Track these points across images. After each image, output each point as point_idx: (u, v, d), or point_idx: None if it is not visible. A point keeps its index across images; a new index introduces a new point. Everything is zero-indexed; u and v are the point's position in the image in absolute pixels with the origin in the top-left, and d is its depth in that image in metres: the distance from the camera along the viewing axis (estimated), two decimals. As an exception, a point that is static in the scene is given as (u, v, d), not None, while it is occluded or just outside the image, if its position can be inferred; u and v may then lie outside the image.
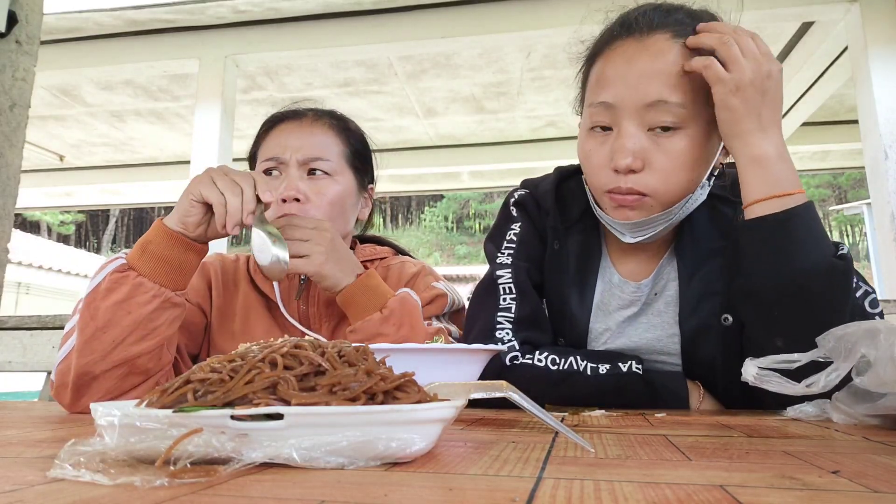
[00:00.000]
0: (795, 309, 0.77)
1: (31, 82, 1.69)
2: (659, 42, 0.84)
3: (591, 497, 0.31)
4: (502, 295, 0.96)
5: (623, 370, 0.86)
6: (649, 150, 0.84)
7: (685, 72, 0.82)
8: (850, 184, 22.78)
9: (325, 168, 1.10)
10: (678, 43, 0.84)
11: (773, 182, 0.80)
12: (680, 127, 0.83)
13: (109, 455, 0.36)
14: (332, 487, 0.33)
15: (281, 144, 1.11)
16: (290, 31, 3.61)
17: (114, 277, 0.85)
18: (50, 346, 2.34)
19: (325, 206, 1.08)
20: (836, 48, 3.62)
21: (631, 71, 0.84)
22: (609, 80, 0.86)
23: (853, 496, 0.32)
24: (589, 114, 0.89)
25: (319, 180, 1.09)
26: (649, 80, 0.82)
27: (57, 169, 5.93)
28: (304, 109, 1.18)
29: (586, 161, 0.90)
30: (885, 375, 0.57)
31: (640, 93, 0.83)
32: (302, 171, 1.09)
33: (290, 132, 1.12)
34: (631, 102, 0.83)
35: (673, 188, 0.85)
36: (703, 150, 0.85)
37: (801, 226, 0.78)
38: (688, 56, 0.83)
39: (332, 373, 0.43)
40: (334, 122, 1.17)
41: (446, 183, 6.44)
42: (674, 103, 0.82)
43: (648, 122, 0.83)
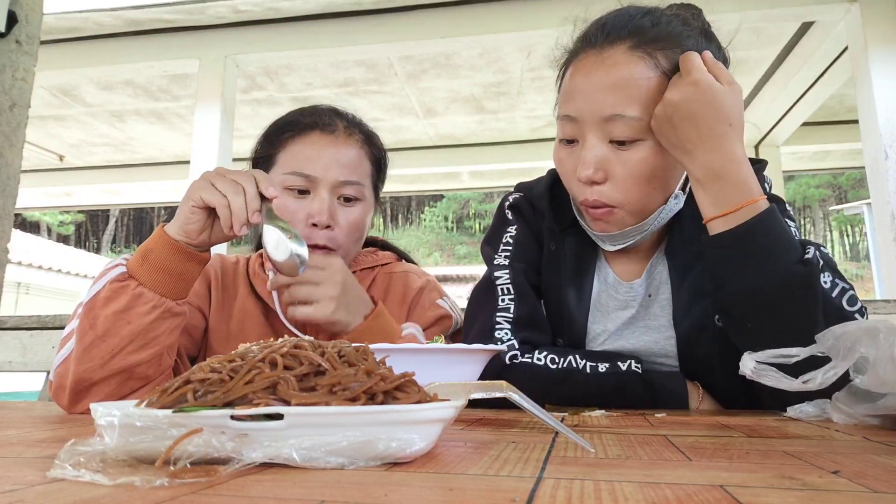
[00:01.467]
0: (768, 319, 0.77)
1: (31, 82, 1.69)
2: (615, 55, 0.85)
3: (591, 497, 0.31)
4: (500, 296, 0.96)
5: (622, 369, 0.87)
6: (610, 161, 0.85)
7: (644, 83, 0.83)
8: (851, 184, 22.78)
9: (356, 192, 1.08)
10: (636, 54, 0.84)
11: (719, 200, 0.79)
12: (639, 139, 0.84)
13: (109, 455, 0.36)
14: (332, 487, 0.33)
15: (312, 160, 1.06)
16: (290, 31, 3.61)
17: (114, 287, 0.82)
18: (50, 346, 2.34)
19: (352, 231, 1.08)
20: (836, 48, 3.62)
21: (589, 85, 0.85)
22: (571, 93, 0.88)
23: (853, 496, 0.32)
24: (559, 124, 0.91)
25: (350, 207, 1.08)
26: (605, 95, 0.84)
27: (57, 169, 5.93)
28: (334, 118, 1.12)
29: (560, 170, 0.93)
30: (884, 375, 0.57)
31: (597, 107, 0.84)
32: (333, 193, 1.06)
33: (323, 147, 1.07)
34: (590, 116, 0.85)
35: (637, 199, 0.86)
36: (667, 161, 0.85)
37: (758, 239, 0.77)
38: (648, 65, 0.84)
39: (332, 373, 0.43)
40: (363, 136, 1.13)
41: (446, 183, 6.44)
42: (630, 117, 0.83)
43: (608, 134, 0.85)
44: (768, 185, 0.96)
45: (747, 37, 3.69)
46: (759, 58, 3.95)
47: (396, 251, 1.28)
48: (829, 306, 0.78)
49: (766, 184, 0.96)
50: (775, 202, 0.90)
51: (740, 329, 0.80)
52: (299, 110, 1.15)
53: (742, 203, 0.78)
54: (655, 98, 0.83)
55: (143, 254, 0.85)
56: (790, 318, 0.76)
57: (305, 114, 1.13)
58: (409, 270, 1.20)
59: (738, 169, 0.79)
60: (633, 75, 0.83)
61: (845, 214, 19.64)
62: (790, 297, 0.76)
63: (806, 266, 0.77)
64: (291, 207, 1.06)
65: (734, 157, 0.79)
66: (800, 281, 0.76)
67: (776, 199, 0.91)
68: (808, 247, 0.79)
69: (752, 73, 4.15)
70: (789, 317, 0.76)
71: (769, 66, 4.06)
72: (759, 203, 0.78)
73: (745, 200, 0.78)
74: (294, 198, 1.07)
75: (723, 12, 3.26)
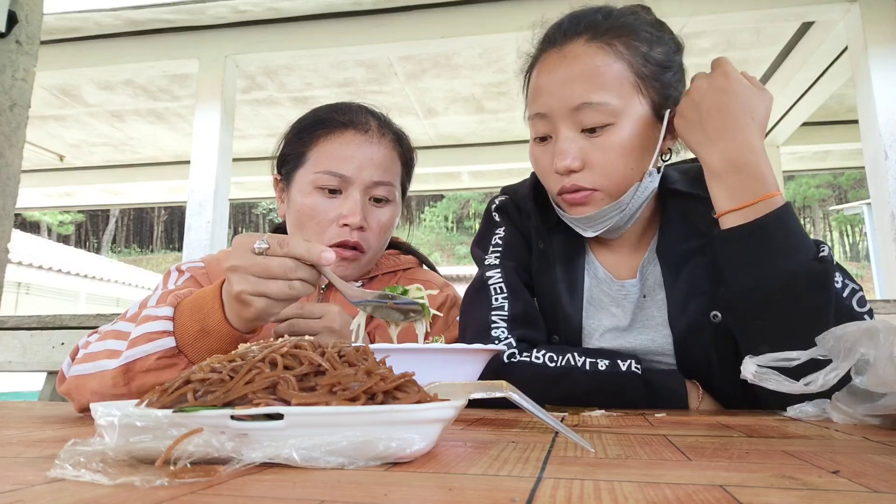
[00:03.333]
0: (778, 317, 0.77)
1: (31, 82, 1.69)
2: (576, 48, 0.89)
3: (591, 497, 0.31)
4: (494, 295, 0.97)
5: (622, 369, 0.87)
6: (586, 149, 0.88)
7: (605, 70, 0.86)
8: (851, 184, 22.78)
9: (387, 193, 1.07)
10: (594, 45, 0.88)
11: (736, 192, 0.80)
12: (610, 123, 0.87)
13: (109, 455, 0.36)
14: (332, 487, 0.33)
15: (346, 160, 1.04)
16: (290, 31, 3.61)
17: (162, 362, 0.75)
18: (50, 346, 2.34)
19: (382, 233, 1.08)
20: (836, 48, 3.62)
21: (553, 80, 0.89)
22: (538, 92, 0.91)
23: (853, 496, 0.32)
24: (530, 125, 0.94)
25: (381, 208, 1.07)
26: (571, 86, 0.87)
27: (57, 169, 5.94)
28: (367, 117, 1.11)
29: (536, 168, 0.96)
30: (884, 375, 0.57)
31: (564, 99, 0.87)
32: (366, 194, 1.06)
33: (358, 147, 1.06)
34: (559, 109, 0.88)
35: (617, 180, 0.88)
36: (639, 140, 0.88)
37: (774, 234, 0.77)
38: (607, 53, 0.88)
39: (332, 373, 0.43)
40: (395, 137, 1.13)
41: (446, 183, 6.45)
42: (598, 103, 0.86)
43: (580, 123, 0.87)
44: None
45: (747, 37, 3.69)
46: (759, 58, 3.96)
47: (418, 255, 1.27)
48: (840, 305, 0.78)
49: None
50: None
51: (747, 327, 0.80)
52: (331, 107, 1.13)
53: (760, 196, 0.78)
54: (619, 82, 0.87)
55: (200, 333, 0.76)
56: (804, 315, 0.75)
57: (339, 111, 1.11)
58: (431, 280, 1.19)
59: (759, 161, 0.79)
60: (595, 64, 0.87)
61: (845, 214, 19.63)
62: (803, 295, 0.75)
63: (822, 264, 0.76)
64: (322, 207, 1.05)
65: (755, 149, 0.80)
66: (815, 278, 0.75)
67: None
68: (822, 245, 0.78)
69: (752, 73, 4.13)
70: (803, 313, 0.75)
71: (769, 66, 4.06)
72: (776, 198, 0.78)
73: (764, 194, 0.78)
74: (325, 197, 1.06)
75: (723, 12, 3.27)
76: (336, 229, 1.04)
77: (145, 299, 1.00)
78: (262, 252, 0.71)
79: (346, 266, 1.06)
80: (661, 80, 0.91)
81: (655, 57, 0.90)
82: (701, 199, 0.92)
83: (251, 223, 31.61)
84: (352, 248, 1.05)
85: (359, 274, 1.11)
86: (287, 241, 0.72)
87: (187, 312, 0.77)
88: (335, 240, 1.04)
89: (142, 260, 26.62)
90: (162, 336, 0.76)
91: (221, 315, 0.75)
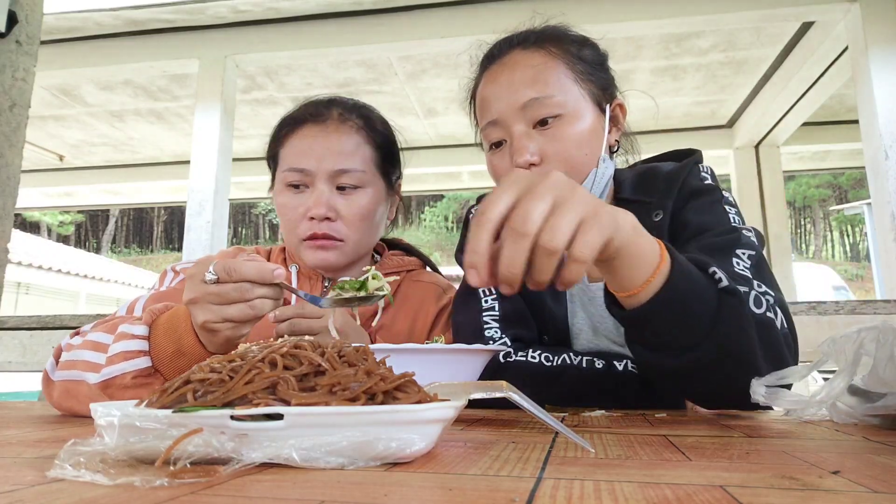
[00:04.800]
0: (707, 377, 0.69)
1: (31, 82, 1.69)
2: (514, 56, 0.95)
3: (592, 497, 0.31)
4: (483, 297, 0.98)
5: (619, 369, 0.86)
6: (540, 142, 0.90)
7: (544, 67, 0.92)
8: (851, 184, 22.79)
9: (355, 180, 1.06)
10: (529, 50, 0.95)
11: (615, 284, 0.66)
12: (559, 114, 0.91)
13: (109, 455, 0.36)
14: (332, 487, 0.33)
15: (305, 153, 1.05)
16: (290, 31, 3.61)
17: (138, 381, 0.77)
18: (49, 346, 2.34)
19: (357, 221, 1.07)
20: (837, 48, 3.62)
21: (498, 86, 0.94)
22: (486, 102, 0.96)
23: (853, 496, 0.32)
24: (484, 137, 0.98)
25: (350, 195, 1.06)
26: (515, 87, 0.92)
27: (57, 169, 5.93)
28: (328, 108, 1.11)
29: (495, 175, 0.97)
30: (884, 375, 0.57)
31: (511, 99, 0.92)
32: (331, 183, 1.05)
33: (315, 138, 1.06)
34: (508, 110, 0.92)
35: (576, 167, 0.91)
36: (589, 127, 0.92)
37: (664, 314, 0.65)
38: (542, 53, 0.93)
39: (332, 373, 0.43)
40: (360, 121, 1.11)
41: (446, 183, 6.43)
42: (543, 96, 0.90)
43: (530, 119, 0.91)
44: (707, 174, 0.98)
45: (747, 37, 3.69)
46: (759, 58, 3.95)
47: (422, 257, 1.27)
48: (761, 329, 0.70)
49: (705, 173, 0.97)
50: (711, 192, 0.94)
51: (685, 386, 0.74)
52: (299, 105, 1.14)
53: (631, 290, 0.64)
54: (558, 77, 0.92)
55: (175, 354, 0.77)
56: (733, 367, 0.67)
57: (303, 107, 1.13)
58: (437, 282, 1.19)
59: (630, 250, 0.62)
60: (533, 63, 0.93)
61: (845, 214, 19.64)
62: (728, 358, 0.67)
63: (727, 296, 0.66)
64: (292, 204, 1.06)
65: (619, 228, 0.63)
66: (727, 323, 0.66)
67: (712, 189, 0.94)
68: (712, 269, 0.67)
69: (752, 73, 4.14)
70: (731, 366, 0.67)
71: (769, 66, 4.06)
72: (649, 284, 0.63)
73: (635, 287, 0.63)
74: (294, 193, 1.07)
75: (723, 12, 3.27)
76: (306, 223, 1.05)
77: (134, 302, 1.00)
78: (213, 282, 0.72)
79: (325, 253, 1.06)
80: (596, 76, 0.96)
81: (586, 55, 0.97)
82: (643, 204, 0.95)
83: (251, 223, 31.62)
84: (324, 238, 1.05)
85: (346, 262, 1.10)
86: (234, 268, 0.72)
87: (162, 332, 0.78)
88: (306, 233, 1.05)
89: (142, 260, 26.63)
90: (138, 356, 0.77)
91: (195, 337, 0.76)
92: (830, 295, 8.87)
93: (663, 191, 0.95)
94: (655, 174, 0.99)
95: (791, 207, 24.15)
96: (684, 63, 3.92)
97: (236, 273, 0.71)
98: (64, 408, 0.83)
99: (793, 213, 25.56)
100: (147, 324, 0.79)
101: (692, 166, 0.98)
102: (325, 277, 1.13)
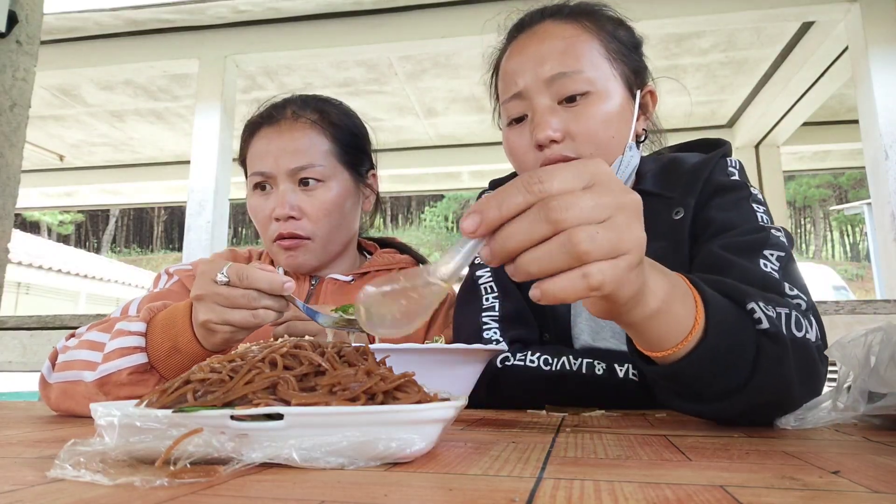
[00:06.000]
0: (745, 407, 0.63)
1: (31, 82, 1.69)
2: (546, 26, 0.90)
3: (592, 497, 0.31)
4: (484, 295, 0.96)
5: (619, 376, 0.83)
6: (566, 119, 0.85)
7: (576, 41, 0.87)
8: (851, 184, 22.78)
9: (316, 175, 1.06)
10: (561, 23, 0.90)
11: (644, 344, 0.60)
12: (588, 91, 0.86)
13: (109, 455, 0.36)
14: (332, 487, 0.33)
15: (263, 156, 1.06)
16: (290, 31, 3.61)
17: (134, 378, 0.77)
18: (50, 346, 2.33)
19: (322, 218, 1.06)
20: (837, 48, 3.62)
21: (526, 57, 0.89)
22: (511, 73, 0.90)
23: (853, 496, 0.32)
24: (504, 111, 0.92)
25: (312, 190, 1.06)
26: (544, 59, 0.87)
27: (57, 169, 5.93)
28: (281, 109, 1.11)
29: (512, 153, 0.92)
30: (884, 375, 0.57)
31: (538, 72, 0.86)
32: (292, 181, 1.05)
33: (271, 140, 1.07)
34: (534, 83, 0.87)
35: (600, 149, 0.86)
36: (618, 109, 0.87)
37: (696, 371, 0.58)
38: (575, 27, 0.88)
39: (332, 373, 0.43)
40: (315, 116, 1.10)
41: (446, 183, 6.43)
42: (573, 71, 0.85)
43: (557, 94, 0.86)
44: (735, 168, 0.93)
45: (747, 37, 3.69)
46: (759, 58, 3.95)
47: (414, 255, 1.26)
48: (798, 354, 0.62)
49: (733, 168, 0.93)
50: (738, 188, 0.89)
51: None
52: (259, 108, 1.15)
53: (664, 350, 0.57)
54: (591, 53, 0.87)
55: (171, 350, 0.78)
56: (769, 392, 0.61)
57: (257, 111, 1.14)
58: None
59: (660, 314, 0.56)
60: (566, 35, 0.88)
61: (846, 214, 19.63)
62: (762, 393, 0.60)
63: (766, 340, 0.60)
64: (260, 207, 1.07)
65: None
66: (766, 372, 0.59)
67: (740, 185, 0.89)
68: (748, 303, 0.61)
69: (752, 73, 4.14)
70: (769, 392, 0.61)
71: (769, 66, 4.06)
72: (687, 342, 0.56)
73: (669, 346, 0.57)
74: (259, 196, 1.08)
75: (723, 12, 3.27)
76: (274, 224, 1.05)
77: (128, 304, 1.00)
78: (224, 284, 0.72)
79: (293, 254, 1.06)
80: (630, 58, 0.91)
81: (621, 35, 0.92)
82: (665, 199, 0.90)
83: (251, 223, 31.56)
84: (290, 238, 1.05)
85: (316, 261, 1.09)
86: (247, 274, 0.72)
87: (159, 329, 0.78)
88: (274, 235, 1.05)
89: (141, 260, 26.63)
90: (134, 352, 0.78)
91: (192, 334, 0.77)
92: (830, 295, 8.86)
93: (686, 186, 0.90)
94: (679, 166, 0.94)
95: (791, 207, 24.14)
96: (684, 63, 3.92)
97: (248, 280, 0.71)
98: (62, 409, 0.83)
99: (793, 213, 25.56)
100: (144, 321, 0.80)
101: (719, 159, 0.93)
102: (312, 276, 1.13)
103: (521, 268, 0.43)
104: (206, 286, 0.73)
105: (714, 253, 0.79)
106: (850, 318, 2.11)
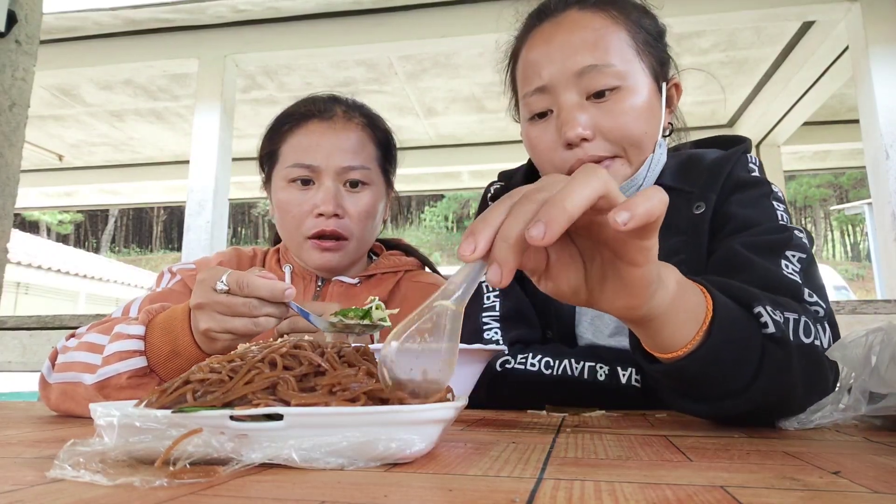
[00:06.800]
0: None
1: (31, 82, 1.69)
2: (572, 15, 0.85)
3: (592, 497, 0.31)
4: (485, 293, 0.94)
5: (622, 381, 0.82)
6: (596, 116, 0.82)
7: (605, 32, 0.82)
8: (851, 183, 22.78)
9: (363, 177, 1.06)
10: (588, 12, 0.85)
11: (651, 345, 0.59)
12: (618, 86, 0.82)
13: (109, 455, 0.36)
14: (332, 488, 0.33)
15: (312, 149, 1.04)
16: (290, 31, 3.61)
17: (133, 381, 0.77)
18: (50, 346, 2.33)
19: (363, 218, 1.06)
20: (837, 48, 3.62)
21: (553, 48, 0.84)
22: (535, 65, 0.85)
23: (853, 497, 0.32)
24: (525, 105, 0.87)
25: (358, 192, 1.06)
26: (573, 50, 0.82)
27: (56, 169, 5.93)
28: (331, 105, 1.10)
29: (534, 149, 0.88)
30: (886, 376, 0.56)
31: (567, 64, 0.82)
32: (338, 180, 1.05)
33: (322, 134, 1.05)
34: (562, 77, 0.82)
35: (634, 145, 0.83)
36: (648, 104, 0.84)
37: (699, 371, 0.58)
38: (604, 17, 0.84)
39: (332, 373, 0.43)
40: (364, 120, 1.11)
41: (446, 183, 6.43)
42: (603, 64, 0.81)
43: (585, 89, 0.82)
44: (755, 165, 0.91)
45: (747, 37, 3.69)
46: (759, 57, 3.95)
47: (420, 257, 1.26)
48: (805, 360, 0.61)
49: (754, 164, 0.91)
50: (759, 185, 0.87)
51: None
52: (298, 101, 1.14)
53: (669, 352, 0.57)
54: (620, 44, 0.83)
55: (171, 354, 0.77)
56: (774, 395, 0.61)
57: (304, 104, 1.12)
58: (435, 283, 1.18)
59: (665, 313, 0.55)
60: (594, 26, 0.83)
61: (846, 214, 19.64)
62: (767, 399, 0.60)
63: (773, 344, 0.59)
64: (297, 200, 1.05)
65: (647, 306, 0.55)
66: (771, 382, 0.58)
67: (761, 182, 0.88)
68: (755, 307, 0.59)
69: (753, 73, 4.14)
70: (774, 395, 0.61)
71: (769, 66, 4.06)
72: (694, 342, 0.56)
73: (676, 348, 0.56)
74: (299, 190, 1.06)
75: (723, 12, 3.27)
76: (312, 220, 1.04)
77: (129, 304, 1.00)
78: (224, 292, 0.72)
79: (330, 255, 1.06)
80: (656, 49, 0.88)
81: (647, 24, 0.88)
82: (684, 193, 0.88)
83: (251, 223, 31.61)
84: (331, 237, 1.04)
85: (348, 262, 1.09)
86: (248, 282, 0.71)
87: (158, 333, 0.78)
88: (312, 230, 1.04)
89: (141, 260, 26.63)
90: (133, 356, 0.77)
91: (191, 338, 0.76)
92: (831, 295, 8.85)
93: (707, 181, 0.88)
94: (699, 162, 0.92)
95: (792, 207, 24.15)
96: (684, 63, 3.92)
97: (248, 288, 0.71)
98: (62, 410, 0.83)
99: (793, 213, 25.57)
100: (143, 324, 0.79)
101: (740, 156, 0.91)
102: (319, 278, 1.12)
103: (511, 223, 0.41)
104: (206, 294, 0.72)
105: (734, 250, 0.77)
106: (851, 318, 2.11)
